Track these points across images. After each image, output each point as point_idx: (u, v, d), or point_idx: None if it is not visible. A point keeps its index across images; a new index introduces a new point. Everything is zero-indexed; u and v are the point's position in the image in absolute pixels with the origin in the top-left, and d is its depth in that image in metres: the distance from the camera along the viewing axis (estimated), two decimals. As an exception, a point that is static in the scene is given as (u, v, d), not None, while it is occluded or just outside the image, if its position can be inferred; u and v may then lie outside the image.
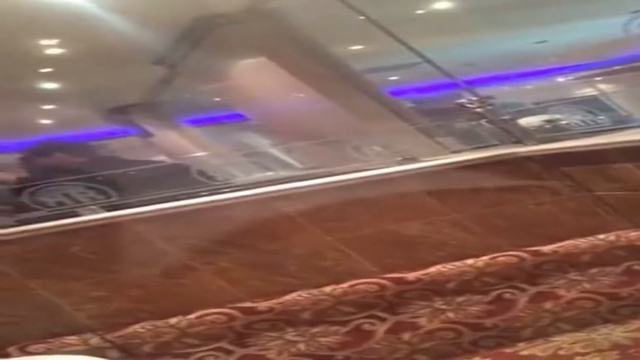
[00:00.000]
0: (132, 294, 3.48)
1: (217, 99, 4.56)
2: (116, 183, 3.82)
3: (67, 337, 3.24)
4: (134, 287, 3.50)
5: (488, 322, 3.56)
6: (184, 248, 3.65)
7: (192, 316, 3.37)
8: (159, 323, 3.33)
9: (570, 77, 5.30)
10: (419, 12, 5.23)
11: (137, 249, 3.57)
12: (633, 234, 3.98)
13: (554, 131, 4.83)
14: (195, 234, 3.72)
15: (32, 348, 3.14)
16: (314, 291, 3.53)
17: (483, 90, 4.85)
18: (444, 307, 3.61)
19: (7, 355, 3.13)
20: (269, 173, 4.13)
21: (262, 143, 4.32)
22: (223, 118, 4.46)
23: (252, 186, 3.95)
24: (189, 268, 3.60)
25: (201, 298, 3.51)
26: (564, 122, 4.93)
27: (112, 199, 3.75)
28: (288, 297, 3.50)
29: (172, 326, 3.35)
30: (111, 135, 4.09)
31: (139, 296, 3.48)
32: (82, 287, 3.44)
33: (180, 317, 3.37)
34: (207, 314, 3.39)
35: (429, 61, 4.81)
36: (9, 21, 4.08)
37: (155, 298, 3.50)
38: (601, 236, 3.97)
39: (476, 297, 3.66)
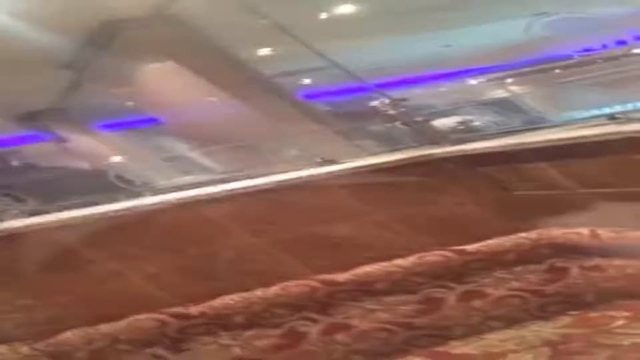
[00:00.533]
0: (60, 300, 3.39)
1: (130, 103, 4.53)
2: (34, 189, 3.73)
3: (-3, 347, 3.11)
4: (62, 293, 3.41)
5: (419, 321, 3.55)
6: (110, 253, 3.58)
7: (123, 322, 3.28)
8: (90, 330, 3.24)
9: (480, 79, 5.39)
10: (326, 16, 5.26)
11: (62, 255, 3.49)
12: (555, 232, 4.02)
13: (467, 132, 4.90)
14: (120, 239, 3.65)
15: (-39, 359, 3.00)
16: (245, 294, 3.48)
17: (395, 93, 4.90)
18: (374, 307, 3.57)
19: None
20: (190, 177, 4.09)
21: (180, 147, 4.29)
22: (138, 122, 4.43)
23: (174, 190, 3.90)
24: (117, 273, 3.52)
25: (132, 303, 3.43)
26: (476, 123, 5.00)
27: (31, 206, 3.65)
28: (219, 301, 3.43)
29: (103, 333, 3.26)
30: (24, 141, 3.99)
31: (67, 303, 3.40)
32: (6, 295, 3.31)
33: (111, 323, 3.26)
34: (139, 320, 3.29)
35: (337, 65, 4.84)
36: None
37: (85, 304, 3.41)
38: (524, 234, 4.00)
39: (406, 297, 3.65)
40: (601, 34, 5.37)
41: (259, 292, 3.54)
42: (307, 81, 5.27)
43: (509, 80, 5.05)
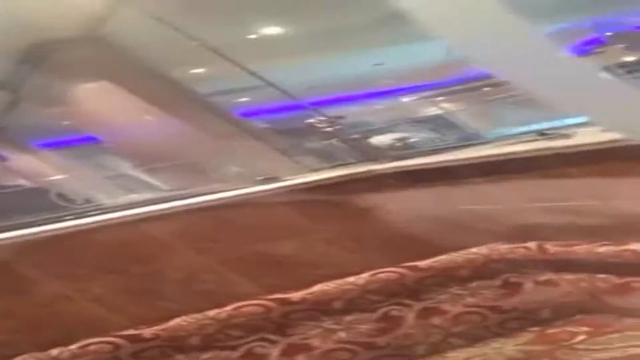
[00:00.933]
0: (7, 325, 3.19)
1: (68, 123, 4.40)
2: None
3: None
4: (6, 317, 3.21)
5: (381, 340, 3.45)
6: (54, 274, 3.41)
7: (74, 346, 3.13)
8: (40, 355, 3.08)
9: (413, 97, 5.36)
10: (255, 37, 5.20)
11: (4, 277, 3.28)
12: (503, 247, 3.97)
13: (405, 149, 4.86)
14: (64, 259, 3.49)
15: None
16: (198, 315, 3.34)
17: (331, 111, 4.84)
18: (334, 326, 3.46)
19: None
20: (134, 195, 3.96)
21: (122, 165, 4.16)
22: (77, 141, 4.29)
23: (119, 208, 3.75)
24: (63, 295, 3.35)
25: (81, 326, 3.28)
26: (413, 140, 4.98)
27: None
28: (172, 323, 3.29)
29: (54, 357, 3.09)
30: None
31: (14, 327, 3.21)
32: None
33: (61, 348, 3.10)
34: (90, 344, 3.15)
35: (270, 84, 4.77)
36: None
37: (33, 329, 3.23)
38: (474, 250, 3.94)
39: (364, 315, 3.55)
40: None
41: (211, 313, 3.40)
42: (243, 100, 5.17)
43: (441, 98, 5.04)
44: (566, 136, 4.52)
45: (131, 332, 3.26)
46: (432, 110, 5.45)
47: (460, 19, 2.46)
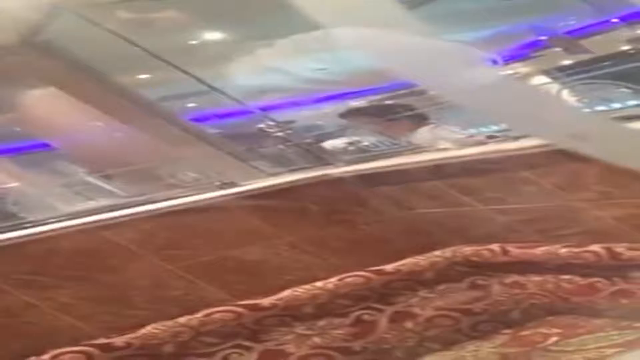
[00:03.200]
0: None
1: (17, 129, 4.27)
2: None
3: None
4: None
5: (356, 345, 3.42)
6: (18, 284, 3.29)
7: (46, 356, 3.03)
8: (11, 367, 2.94)
9: (360, 101, 5.32)
10: (191, 42, 5.15)
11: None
12: (467, 250, 3.97)
13: (358, 152, 4.81)
14: (25, 268, 3.38)
15: None
16: (169, 323, 3.28)
17: (280, 116, 4.79)
18: (307, 332, 3.42)
19: None
20: (93, 202, 3.84)
21: (77, 172, 4.04)
22: (29, 148, 4.16)
23: (78, 216, 3.64)
24: (29, 305, 3.24)
25: (51, 336, 3.18)
26: (364, 143, 4.93)
27: None
28: (144, 331, 3.21)
29: (28, 369, 2.96)
30: None
31: (-20, 339, 3.08)
32: None
33: (34, 358, 2.99)
34: (62, 353, 3.07)
35: (216, 89, 4.71)
36: None
37: (2, 339, 3.10)
38: (437, 253, 3.94)
39: (337, 320, 3.52)
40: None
41: (182, 320, 3.32)
42: (192, 105, 5.09)
43: (387, 102, 5.01)
44: (515, 138, 4.52)
45: (103, 340, 3.17)
46: (380, 114, 5.41)
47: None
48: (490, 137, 4.87)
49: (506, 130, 4.89)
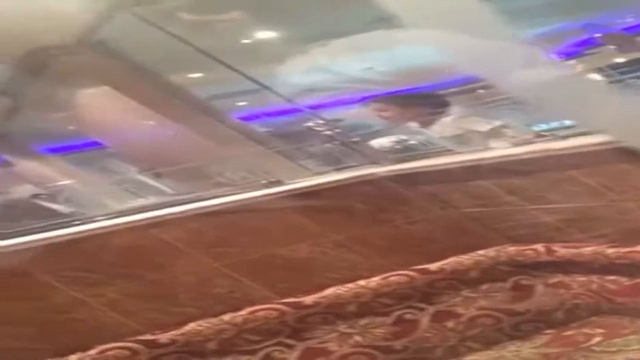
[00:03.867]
0: (25, 331, 3.17)
1: (71, 128, 4.35)
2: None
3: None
4: (25, 324, 3.18)
5: (397, 344, 3.45)
6: (68, 280, 3.38)
7: (92, 352, 3.12)
8: (59, 362, 3.02)
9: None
10: (244, 42, 5.19)
11: (19, 283, 3.25)
12: (511, 249, 3.98)
13: (404, 151, 4.83)
14: (75, 265, 3.46)
15: None
16: (214, 320, 3.34)
17: (329, 114, 4.82)
18: (349, 330, 3.46)
19: None
20: (142, 199, 3.92)
21: (128, 170, 4.11)
22: (82, 146, 4.24)
23: (128, 213, 3.72)
24: (78, 301, 3.32)
25: (98, 332, 3.26)
26: (412, 142, 4.94)
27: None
28: (188, 328, 3.28)
29: (74, 364, 3.04)
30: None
31: (33, 334, 3.19)
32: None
33: (79, 354, 3.10)
34: (108, 349, 3.15)
35: (266, 87, 4.75)
36: None
37: (50, 335, 3.23)
38: (481, 252, 3.96)
39: (379, 319, 3.55)
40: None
41: (227, 317, 3.39)
42: (242, 104, 5.15)
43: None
44: (565, 138, 4.53)
45: (148, 337, 3.24)
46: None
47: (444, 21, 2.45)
48: (539, 135, 4.88)
49: (555, 129, 4.91)
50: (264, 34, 5.02)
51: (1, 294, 3.24)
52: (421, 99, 4.95)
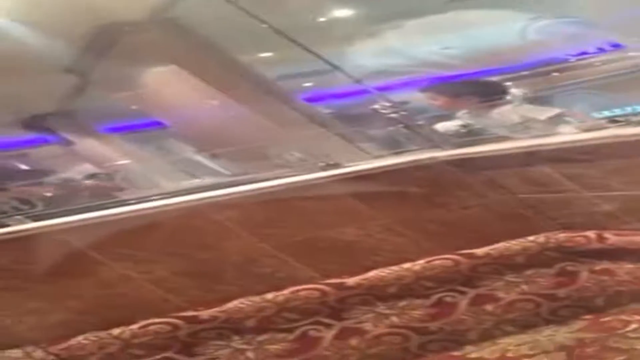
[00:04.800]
0: (72, 305, 3.35)
1: (134, 107, 4.45)
2: (42, 193, 3.68)
3: (10, 351, 3.07)
4: (72, 298, 3.36)
5: (433, 325, 3.52)
6: (117, 257, 3.53)
7: (135, 326, 3.25)
8: (102, 334, 3.21)
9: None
10: (323, 19, 5.20)
11: (71, 259, 3.43)
12: (561, 236, 4.00)
13: (469, 135, 4.83)
14: (127, 243, 3.61)
15: (-28, 362, 2.96)
16: (256, 298, 3.45)
17: (396, 96, 4.83)
18: (387, 311, 3.54)
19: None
20: (197, 180, 4.03)
21: (186, 150, 4.22)
22: (143, 126, 4.35)
23: (182, 193, 3.84)
24: (126, 278, 3.47)
25: (142, 308, 3.40)
26: (478, 126, 4.94)
27: (37, 209, 3.59)
28: (230, 305, 3.40)
29: (116, 337, 3.23)
30: (31, 144, 3.94)
31: (78, 307, 3.35)
32: (18, 299, 3.29)
33: (123, 328, 3.24)
34: (151, 324, 3.28)
35: (337, 68, 4.77)
36: None
37: (96, 309, 3.38)
38: (531, 238, 3.98)
39: (418, 301, 3.62)
40: (597, 38, 5.34)
41: (269, 296, 3.50)
42: (308, 84, 5.21)
43: (507, 83, 5.04)
44: (636, 123, 4.51)
45: (190, 313, 3.37)
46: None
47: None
48: (611, 121, 4.87)
49: (625, 115, 4.90)
50: (339, 13, 5.06)
51: (53, 269, 3.40)
52: (481, 87, 4.96)
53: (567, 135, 5.01)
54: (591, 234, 3.95)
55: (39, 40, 3.99)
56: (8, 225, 3.44)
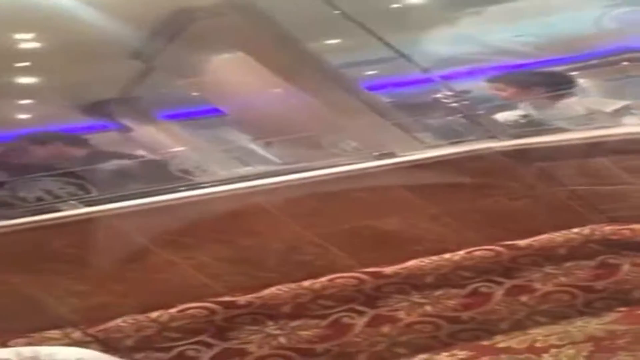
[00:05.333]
0: (114, 288, 3.51)
1: (195, 94, 4.53)
2: (96, 178, 3.82)
3: (49, 332, 3.25)
4: (116, 281, 3.51)
5: (465, 315, 3.60)
6: (164, 243, 3.66)
7: (173, 310, 3.40)
8: (140, 317, 3.35)
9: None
10: (395, 6, 5.22)
11: (118, 244, 3.59)
12: (607, 228, 4.03)
13: (528, 126, 4.83)
14: (175, 228, 3.73)
15: (12, 342, 3.14)
16: (293, 285, 3.56)
17: (459, 85, 4.85)
18: (421, 300, 3.63)
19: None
20: (248, 168, 4.12)
21: (241, 138, 4.29)
22: (201, 113, 4.43)
23: (231, 181, 3.94)
24: (170, 263, 3.61)
25: (182, 292, 3.53)
26: (539, 117, 4.93)
27: (91, 194, 3.74)
28: (267, 292, 3.52)
29: (153, 320, 3.38)
30: (89, 130, 4.08)
31: (120, 290, 3.51)
32: (64, 281, 3.45)
33: (161, 311, 3.38)
34: (188, 308, 3.42)
35: (404, 56, 4.80)
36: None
37: (137, 292, 3.52)
38: (576, 230, 4.02)
39: (453, 291, 3.70)
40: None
41: (306, 283, 3.61)
42: (371, 72, 5.26)
43: (576, 72, 5.03)
44: None
45: (227, 298, 3.51)
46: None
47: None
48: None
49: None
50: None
51: (101, 254, 3.57)
52: (550, 77, 4.97)
53: (631, 126, 5.00)
54: (638, 226, 3.96)
55: (109, 25, 4.08)
56: (61, 210, 3.58)
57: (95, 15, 4.14)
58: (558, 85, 4.91)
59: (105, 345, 3.23)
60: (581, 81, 5.08)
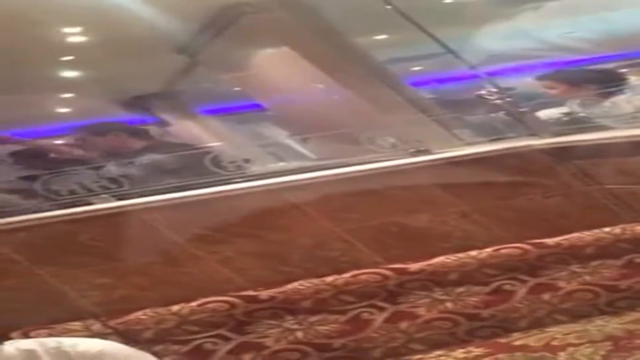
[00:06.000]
0: (137, 281, 3.58)
1: (236, 89, 4.58)
2: (129, 172, 3.90)
3: (70, 323, 3.34)
4: (139, 275, 3.60)
5: (485, 312, 3.62)
6: (191, 237, 3.74)
7: (193, 304, 3.47)
8: (160, 310, 3.42)
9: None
10: (445, 2, 5.22)
11: (144, 238, 3.67)
12: (639, 227, 4.00)
13: (570, 124, 4.81)
14: (203, 223, 3.80)
15: (34, 333, 3.23)
16: (316, 280, 3.61)
17: (504, 82, 4.84)
18: (443, 297, 3.66)
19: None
20: (282, 163, 4.16)
21: (279, 134, 4.34)
22: (241, 108, 4.48)
23: (264, 176, 3.99)
24: (194, 257, 3.69)
25: (204, 286, 3.60)
26: (583, 114, 4.90)
27: (124, 188, 3.82)
28: (289, 286, 3.58)
29: (173, 313, 3.44)
30: (127, 124, 4.16)
31: (143, 284, 3.58)
32: (88, 274, 3.54)
33: (182, 305, 3.45)
34: (209, 302, 3.49)
35: (451, 52, 4.80)
36: (32, 10, 4.17)
37: (159, 286, 3.59)
38: (607, 229, 4.01)
39: (476, 288, 3.72)
40: None
41: (329, 279, 3.66)
42: (416, 68, 5.27)
43: (626, 70, 4.98)
44: None
45: (249, 293, 3.58)
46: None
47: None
48: None
49: None
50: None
51: (127, 247, 3.67)
52: (602, 75, 4.94)
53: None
54: (669, 226, 3.94)
55: (157, 19, 4.16)
56: (92, 204, 3.68)
57: (144, 9, 4.21)
58: (609, 82, 4.86)
59: (124, 337, 3.31)
60: (633, 79, 5.03)
